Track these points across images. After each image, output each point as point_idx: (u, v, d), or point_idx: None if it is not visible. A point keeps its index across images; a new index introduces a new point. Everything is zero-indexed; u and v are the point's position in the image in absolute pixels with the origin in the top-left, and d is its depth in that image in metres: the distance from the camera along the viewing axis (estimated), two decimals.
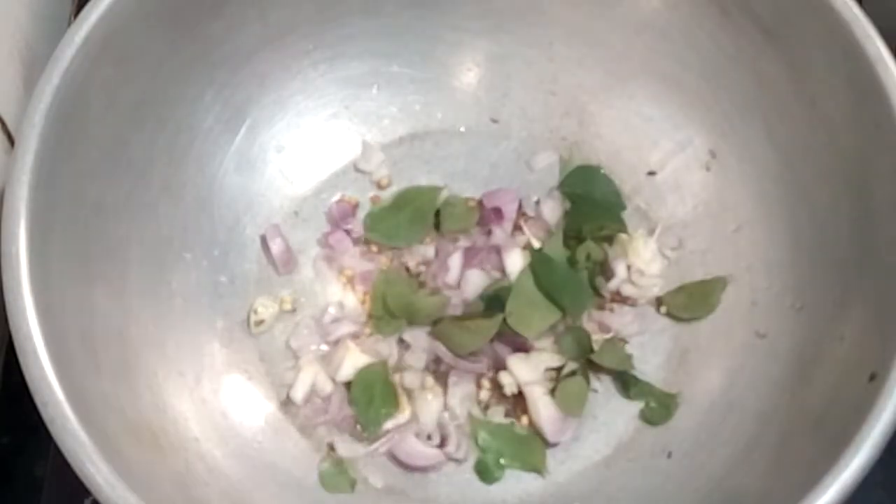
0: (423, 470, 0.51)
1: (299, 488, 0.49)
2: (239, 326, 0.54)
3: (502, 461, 0.51)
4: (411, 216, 0.57)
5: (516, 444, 0.52)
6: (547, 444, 0.52)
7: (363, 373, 0.53)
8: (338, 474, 0.50)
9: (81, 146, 0.46)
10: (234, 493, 0.47)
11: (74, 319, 0.43)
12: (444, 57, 0.59)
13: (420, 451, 0.51)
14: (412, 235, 0.56)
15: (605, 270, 0.55)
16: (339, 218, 0.57)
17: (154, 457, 0.44)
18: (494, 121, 0.60)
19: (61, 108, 0.44)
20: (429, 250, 0.56)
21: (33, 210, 0.42)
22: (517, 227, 0.57)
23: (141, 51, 0.48)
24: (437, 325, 0.54)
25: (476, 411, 0.53)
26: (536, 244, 0.56)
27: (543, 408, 0.52)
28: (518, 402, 0.53)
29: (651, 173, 0.58)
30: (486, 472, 0.51)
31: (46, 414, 0.39)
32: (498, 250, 0.56)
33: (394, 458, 0.51)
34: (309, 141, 0.58)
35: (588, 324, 0.54)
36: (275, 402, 0.52)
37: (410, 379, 0.53)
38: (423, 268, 0.56)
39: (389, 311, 0.54)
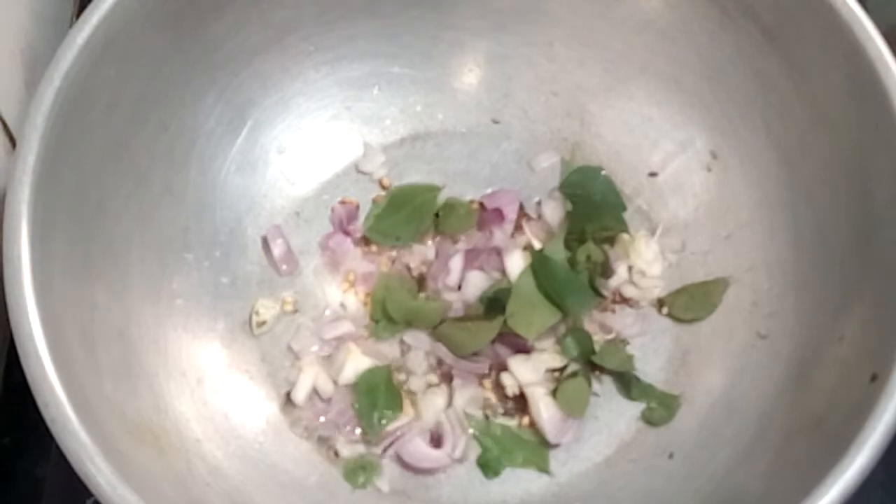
0: (428, 472, 0.51)
1: (300, 489, 0.49)
2: (240, 327, 0.54)
3: (504, 460, 0.51)
4: (409, 215, 0.57)
5: (519, 444, 0.52)
6: (548, 445, 0.52)
7: (366, 376, 0.53)
8: (361, 468, 0.51)
9: (83, 147, 0.46)
10: (236, 494, 0.47)
11: (76, 320, 0.43)
12: (445, 58, 0.59)
13: (426, 453, 0.51)
14: (410, 234, 0.57)
15: (606, 271, 0.55)
16: (341, 219, 0.57)
17: (155, 457, 0.44)
18: (495, 122, 0.60)
19: (63, 109, 0.44)
20: (429, 251, 0.56)
21: (35, 211, 0.42)
22: (518, 228, 0.57)
23: (142, 52, 0.48)
24: (439, 327, 0.54)
25: (479, 413, 0.53)
26: (537, 245, 0.56)
27: (545, 409, 0.52)
28: (519, 403, 0.53)
29: (652, 174, 0.58)
30: (487, 467, 0.51)
31: (47, 414, 0.39)
32: (498, 252, 0.55)
33: (399, 460, 0.51)
34: (310, 142, 0.58)
35: (589, 325, 0.54)
36: (276, 403, 0.52)
37: (413, 381, 0.53)
38: (423, 268, 0.56)
39: (388, 316, 0.54)
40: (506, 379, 0.53)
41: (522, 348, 0.53)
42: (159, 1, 0.48)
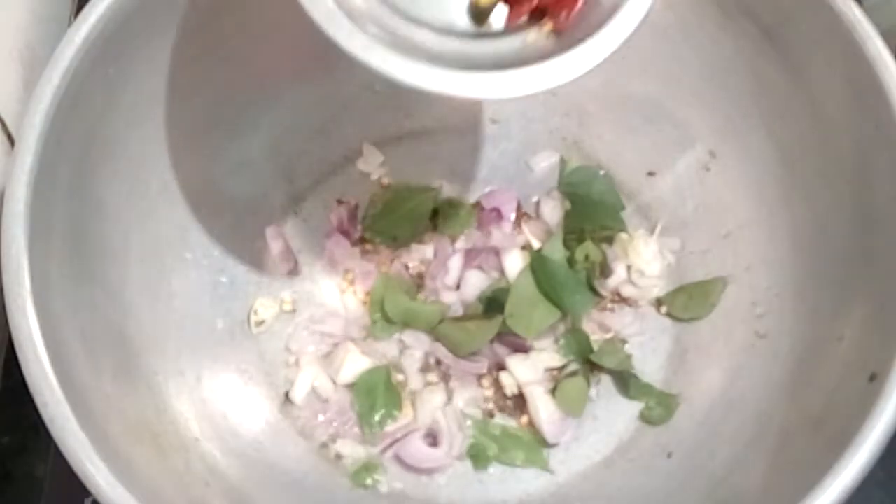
0: (428, 472, 0.51)
1: (299, 488, 0.49)
2: (239, 327, 0.54)
3: (503, 459, 0.51)
4: (407, 215, 0.57)
5: (518, 444, 0.52)
6: (547, 444, 0.52)
7: (366, 376, 0.53)
8: (366, 469, 0.51)
9: (81, 146, 0.45)
10: (234, 493, 0.47)
11: (74, 319, 0.43)
12: None
13: (427, 453, 0.51)
14: (409, 234, 0.56)
15: (605, 271, 0.55)
16: (340, 219, 0.57)
17: (154, 457, 0.44)
18: (494, 121, 0.60)
19: (61, 108, 0.43)
20: (428, 250, 0.56)
21: (33, 210, 0.42)
22: (517, 228, 0.57)
23: (141, 51, 0.48)
24: (438, 327, 0.54)
25: (477, 412, 0.53)
26: (536, 245, 0.56)
27: (543, 408, 0.52)
28: (518, 403, 0.53)
29: (651, 174, 0.58)
30: (478, 458, 0.51)
31: (46, 414, 0.39)
32: (497, 251, 0.55)
33: (399, 460, 0.51)
34: (309, 141, 0.58)
35: (588, 324, 0.54)
36: (275, 403, 0.52)
37: (412, 380, 0.53)
38: (422, 268, 0.56)
39: (387, 316, 0.54)
40: (504, 378, 0.53)
41: (521, 348, 0.53)
42: None
